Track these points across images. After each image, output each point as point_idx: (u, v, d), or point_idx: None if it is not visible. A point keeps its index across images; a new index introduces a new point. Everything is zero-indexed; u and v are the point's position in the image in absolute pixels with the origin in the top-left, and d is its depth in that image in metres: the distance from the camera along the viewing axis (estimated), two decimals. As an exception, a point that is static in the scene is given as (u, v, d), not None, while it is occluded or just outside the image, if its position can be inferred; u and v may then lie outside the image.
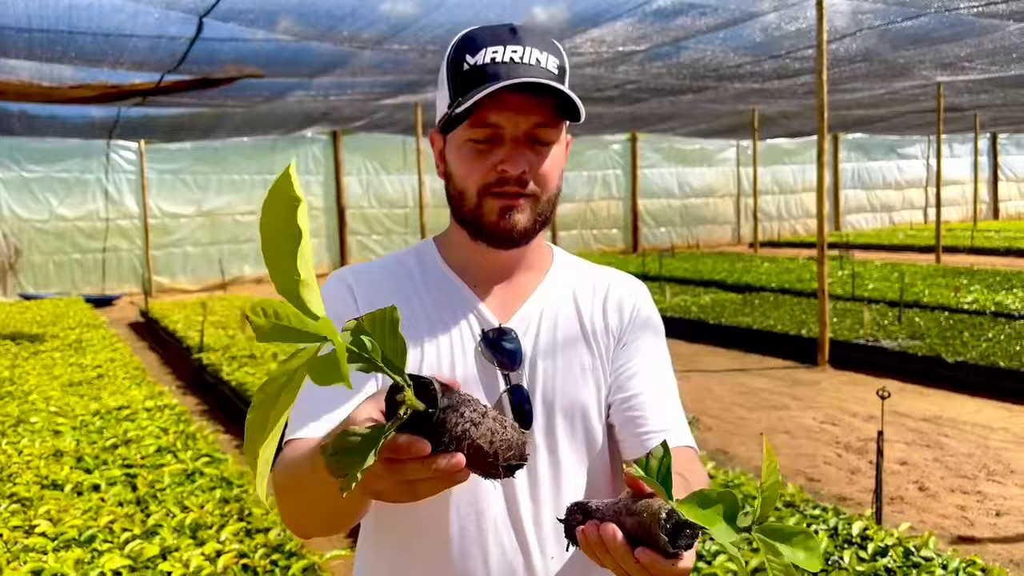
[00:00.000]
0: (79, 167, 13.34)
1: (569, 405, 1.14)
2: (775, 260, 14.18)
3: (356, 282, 1.16)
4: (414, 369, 1.11)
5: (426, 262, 1.20)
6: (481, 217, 1.11)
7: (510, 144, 1.08)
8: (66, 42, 6.65)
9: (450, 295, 1.17)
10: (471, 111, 1.06)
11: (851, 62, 9.96)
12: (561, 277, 1.22)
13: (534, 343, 1.15)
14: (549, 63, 1.09)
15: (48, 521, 3.24)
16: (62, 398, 5.42)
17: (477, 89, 1.05)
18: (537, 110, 1.08)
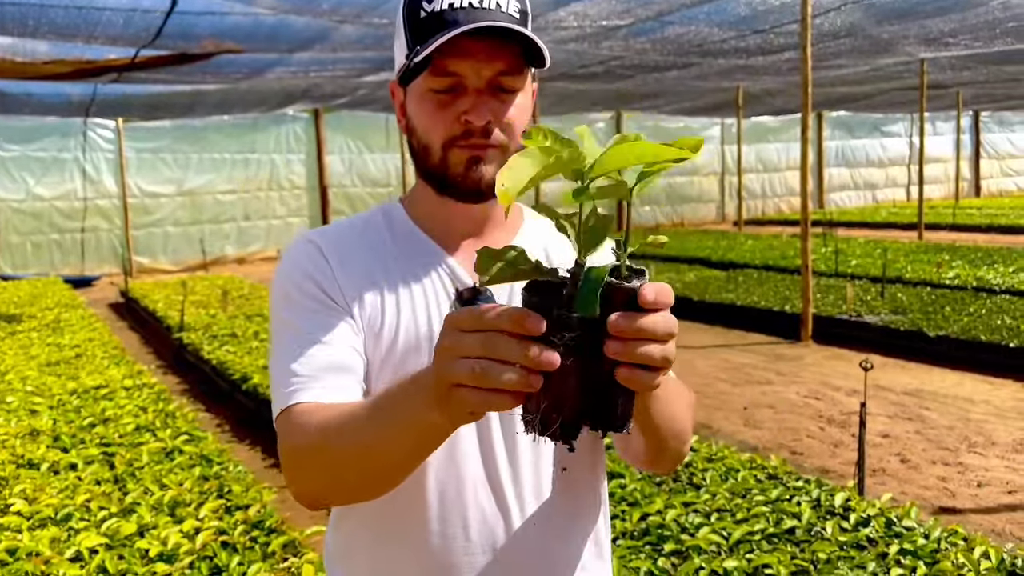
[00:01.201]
0: (56, 146, 13.13)
1: None
2: (759, 238, 14.20)
3: (325, 243, 1.12)
4: (389, 334, 1.07)
5: (395, 222, 1.16)
6: (447, 170, 1.06)
7: (473, 93, 1.03)
8: (38, 15, 6.49)
9: (422, 254, 1.13)
10: (430, 60, 1.02)
11: (835, 37, 9.92)
12: (533, 234, 1.19)
13: (508, 300, 1.11)
14: (510, 7, 1.04)
15: (23, 500, 3.19)
16: (39, 378, 5.34)
17: (435, 36, 1.00)
18: (500, 57, 1.03)
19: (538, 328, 0.68)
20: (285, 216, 15.35)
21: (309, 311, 1.06)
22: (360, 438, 0.88)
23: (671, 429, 1.02)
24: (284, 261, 1.12)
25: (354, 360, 1.04)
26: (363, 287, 1.08)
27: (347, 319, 1.06)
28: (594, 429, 0.73)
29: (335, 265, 1.09)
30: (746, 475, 3.42)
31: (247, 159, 14.85)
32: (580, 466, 1.14)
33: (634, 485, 3.28)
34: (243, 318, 7.65)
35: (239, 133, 14.65)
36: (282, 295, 1.09)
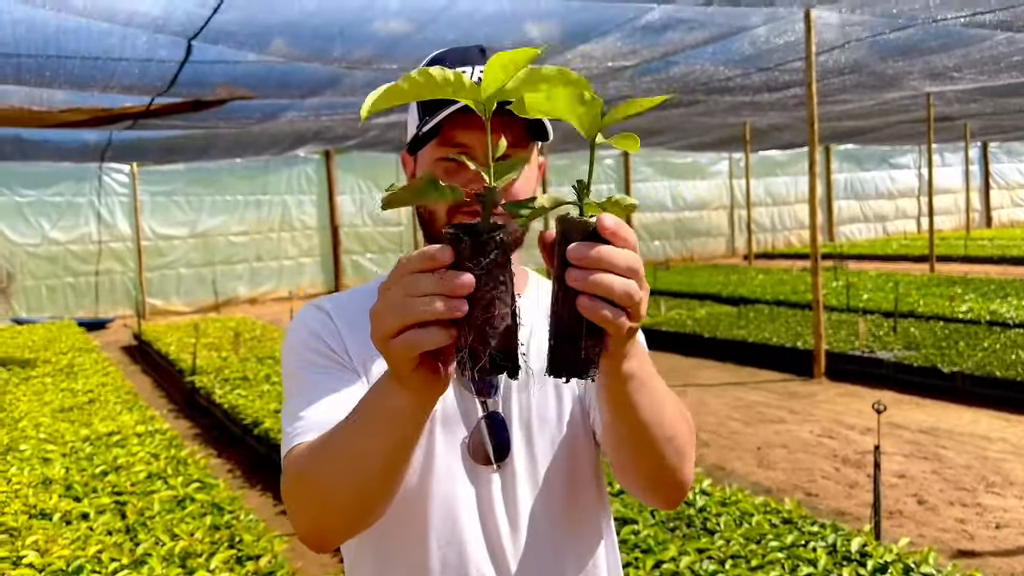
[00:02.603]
0: (72, 190, 13.31)
1: (547, 427, 1.12)
2: (769, 272, 14.18)
3: (334, 308, 1.15)
4: None
5: None
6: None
7: (478, 164, 1.07)
8: (56, 66, 6.64)
9: None
10: (439, 130, 1.06)
11: (840, 74, 9.99)
12: (536, 300, 1.21)
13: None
14: None
15: (35, 552, 3.19)
16: (52, 424, 5.37)
17: (443, 108, 1.04)
18: (506, 129, 1.06)
19: (445, 257, 0.70)
20: (297, 256, 15.45)
21: (318, 367, 1.09)
22: (339, 449, 0.90)
23: (663, 434, 0.96)
24: (294, 323, 1.15)
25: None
26: (370, 354, 1.10)
27: (354, 375, 1.08)
28: (555, 374, 0.72)
29: (343, 329, 1.12)
30: (760, 519, 3.39)
31: (259, 200, 15.01)
32: (587, 515, 1.14)
33: (647, 531, 3.25)
34: (255, 360, 7.68)
35: (251, 175, 14.83)
36: (292, 353, 1.13)
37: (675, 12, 6.79)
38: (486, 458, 1.09)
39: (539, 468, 1.11)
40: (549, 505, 1.11)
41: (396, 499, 1.07)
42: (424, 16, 6.31)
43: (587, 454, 1.15)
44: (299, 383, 1.08)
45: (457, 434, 1.09)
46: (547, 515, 1.11)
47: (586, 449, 1.15)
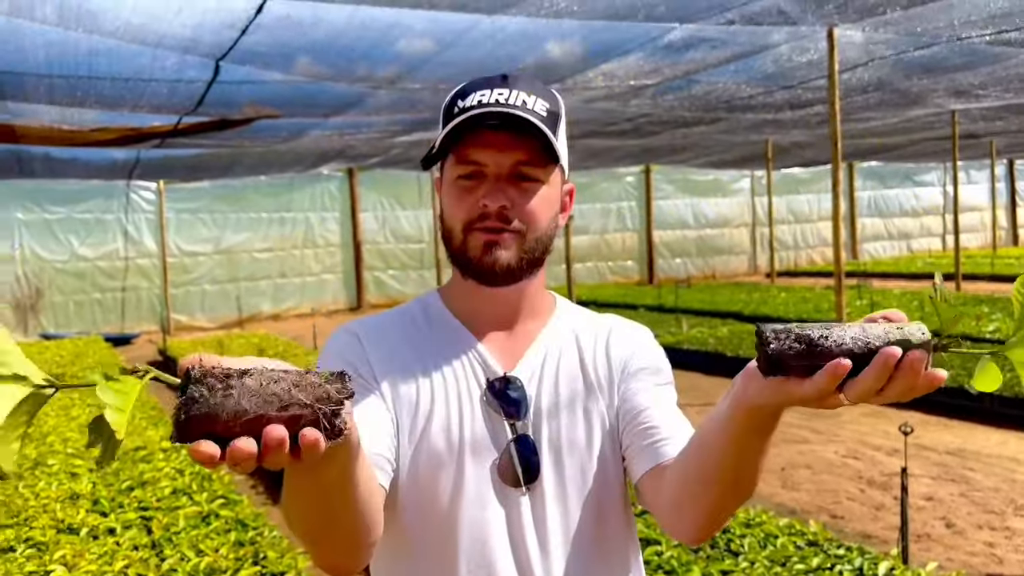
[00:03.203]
0: (100, 207, 13.53)
1: (577, 452, 1.13)
2: (792, 290, 14.09)
3: (363, 332, 1.17)
4: (423, 420, 1.11)
5: (431, 311, 1.20)
6: (466, 252, 1.12)
7: (492, 180, 1.10)
8: (87, 87, 6.78)
9: (455, 343, 1.17)
10: (454, 149, 1.11)
11: (864, 91, 9.96)
12: (563, 323, 1.22)
13: (538, 391, 1.14)
14: (537, 106, 1.11)
15: (63, 566, 3.23)
16: (79, 440, 5.43)
17: (460, 127, 1.08)
18: (519, 148, 1.09)
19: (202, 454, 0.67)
20: (320, 273, 15.57)
21: (357, 396, 1.10)
22: (286, 493, 0.91)
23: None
24: (325, 350, 1.18)
25: (389, 449, 1.07)
26: (397, 374, 1.13)
27: (380, 398, 1.10)
28: (764, 344, 0.80)
29: (371, 352, 1.14)
30: (785, 541, 3.35)
31: (283, 218, 15.16)
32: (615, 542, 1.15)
33: (671, 552, 3.23)
34: (278, 377, 7.73)
35: (275, 192, 14.99)
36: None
37: (697, 31, 6.82)
38: (515, 480, 1.10)
39: (568, 492, 1.12)
40: (578, 529, 1.11)
41: (426, 522, 1.08)
42: (449, 36, 6.39)
43: (616, 482, 1.15)
44: None
45: (486, 457, 1.11)
46: (576, 538, 1.11)
47: (615, 477, 1.15)
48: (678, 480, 1.03)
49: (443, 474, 1.09)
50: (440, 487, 1.09)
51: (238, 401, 0.67)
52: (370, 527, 0.96)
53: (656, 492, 1.08)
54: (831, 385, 0.76)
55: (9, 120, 8.03)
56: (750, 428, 0.89)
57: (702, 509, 1.01)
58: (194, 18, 5.56)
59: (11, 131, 8.39)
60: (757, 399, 0.85)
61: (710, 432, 0.95)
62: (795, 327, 0.79)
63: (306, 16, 5.69)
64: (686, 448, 1.03)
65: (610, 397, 1.17)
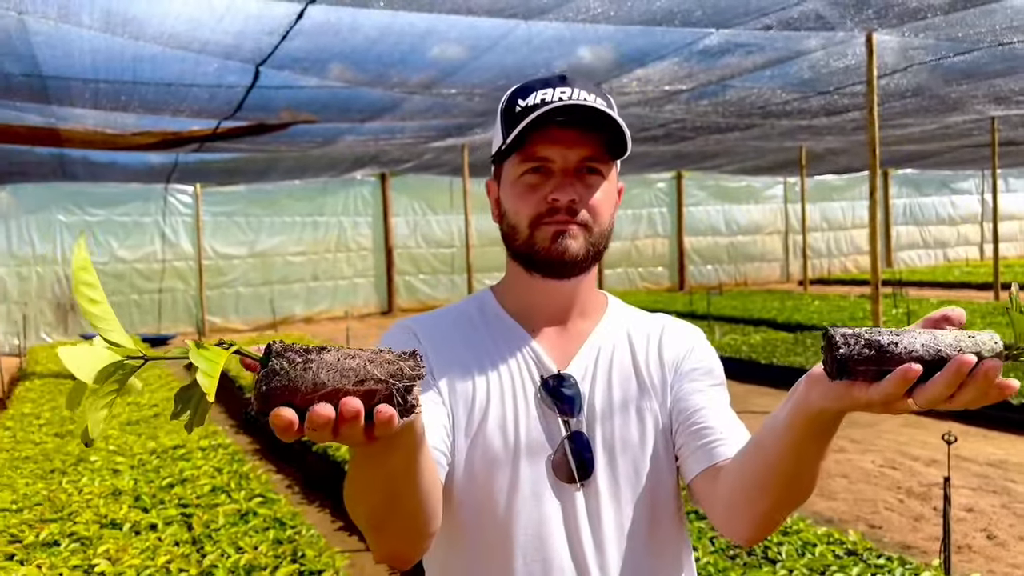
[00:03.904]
0: (138, 211, 13.77)
1: (630, 449, 1.14)
2: (826, 298, 13.94)
3: (420, 328, 1.19)
4: (479, 416, 1.12)
5: (486, 309, 1.22)
6: (534, 245, 1.13)
7: (560, 175, 1.11)
8: (130, 92, 6.92)
9: (510, 341, 1.18)
10: (522, 146, 1.11)
11: (901, 97, 9.84)
12: (616, 322, 1.23)
13: (591, 389, 1.15)
14: (597, 103, 1.12)
15: (107, 561, 3.29)
16: (120, 437, 5.53)
17: (525, 122, 1.09)
18: (585, 143, 1.10)
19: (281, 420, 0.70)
20: (352, 277, 15.70)
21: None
22: (350, 480, 0.93)
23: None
24: (380, 343, 1.19)
25: (443, 442, 1.09)
26: (454, 372, 1.14)
27: (436, 393, 1.12)
28: (831, 347, 0.80)
29: (428, 348, 1.16)
30: (824, 550, 3.32)
31: (316, 222, 15.31)
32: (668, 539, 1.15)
33: (707, 559, 3.22)
34: (312, 379, 7.80)
35: (309, 196, 15.15)
36: None
37: (733, 36, 6.79)
38: (570, 476, 1.11)
39: (621, 489, 1.13)
40: (632, 526, 1.12)
41: (482, 517, 1.10)
42: (485, 42, 6.42)
43: (669, 481, 1.16)
44: None
45: (541, 454, 1.12)
46: (630, 535, 1.12)
47: (668, 476, 1.16)
48: (734, 482, 1.03)
49: (499, 470, 1.11)
50: (496, 483, 1.11)
51: (316, 374, 0.70)
52: (431, 517, 0.98)
53: (710, 493, 1.08)
54: (900, 390, 0.76)
55: (54, 124, 8.21)
56: (811, 432, 0.90)
57: (758, 511, 1.01)
58: (235, 24, 5.65)
59: (56, 135, 8.58)
60: (821, 403, 0.85)
61: (769, 435, 0.96)
62: (865, 332, 0.79)
63: (345, 22, 5.76)
64: (743, 450, 1.04)
65: (663, 396, 1.18)
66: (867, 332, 0.79)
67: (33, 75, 6.28)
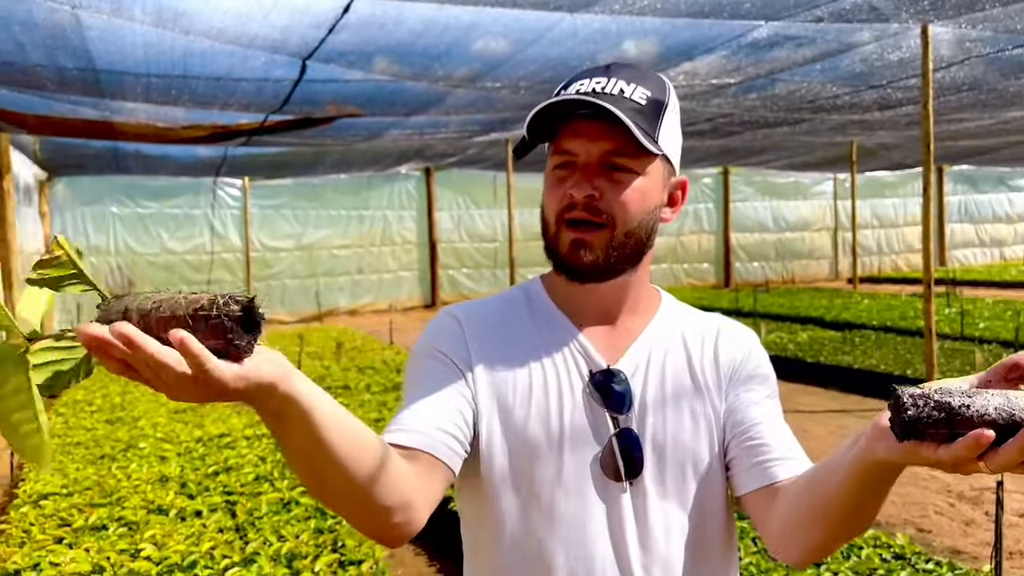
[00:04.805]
0: (188, 203, 14.04)
1: (680, 451, 1.11)
2: (876, 296, 13.64)
3: (465, 317, 1.18)
4: (520, 406, 1.11)
5: (534, 300, 1.20)
6: (556, 249, 1.13)
7: (581, 170, 1.09)
8: (180, 86, 7.04)
9: (558, 334, 1.16)
10: (553, 141, 1.12)
11: (957, 91, 9.56)
12: (669, 321, 1.20)
13: (643, 387, 1.13)
14: (636, 94, 1.09)
15: (153, 545, 3.36)
16: (168, 425, 5.65)
17: (552, 120, 1.10)
18: (608, 137, 1.07)
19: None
20: (396, 270, 15.82)
21: (434, 374, 1.12)
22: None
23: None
24: (427, 329, 1.19)
25: (453, 424, 1.07)
26: (497, 361, 1.13)
27: (463, 382, 1.11)
28: (898, 408, 0.78)
29: (470, 338, 1.14)
30: (871, 553, 3.25)
31: (361, 215, 15.45)
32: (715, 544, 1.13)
33: (750, 559, 3.17)
34: (355, 370, 7.88)
35: (354, 191, 15.29)
36: (413, 358, 1.17)
37: (783, 29, 6.66)
38: (616, 474, 1.09)
39: (669, 489, 1.10)
40: (679, 527, 1.10)
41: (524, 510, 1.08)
42: (530, 35, 6.40)
43: (719, 485, 1.14)
44: (413, 388, 1.13)
45: (586, 450, 1.10)
46: (676, 537, 1.10)
47: (718, 480, 1.14)
48: (790, 511, 1.03)
49: (541, 464, 1.09)
50: (538, 476, 1.09)
51: (129, 304, 0.77)
52: (377, 494, 0.94)
53: (765, 513, 1.07)
54: (972, 455, 0.75)
55: (108, 117, 8.40)
56: (873, 479, 0.90)
57: (812, 542, 1.01)
58: (283, 19, 5.70)
59: (110, 128, 8.78)
60: (886, 455, 0.84)
61: (831, 474, 0.95)
62: (934, 393, 0.77)
63: (390, 15, 5.78)
64: (803, 479, 1.03)
65: (718, 400, 1.15)
66: (937, 393, 0.77)
67: (87, 69, 6.43)
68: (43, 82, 6.82)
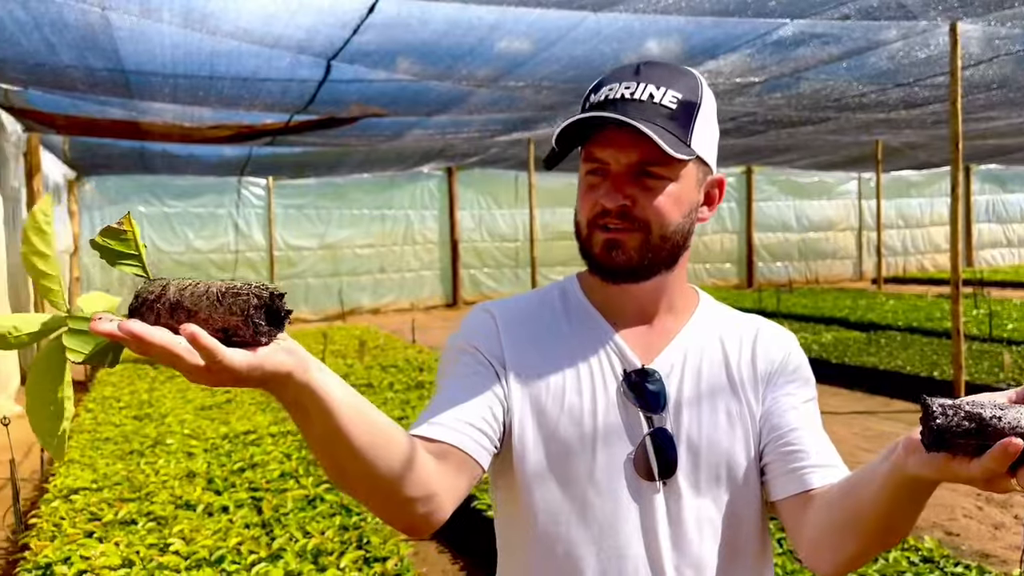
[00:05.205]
0: (213, 203, 14.17)
1: (715, 452, 1.11)
2: (901, 297, 13.50)
3: (499, 312, 1.18)
4: (554, 404, 1.11)
5: (569, 298, 1.21)
6: (590, 249, 1.13)
7: (612, 179, 1.10)
8: (207, 86, 7.11)
9: (592, 333, 1.16)
10: (584, 145, 1.13)
11: (986, 89, 9.44)
12: (706, 322, 1.20)
13: (678, 387, 1.13)
14: (666, 98, 1.08)
15: (181, 540, 3.40)
16: (194, 421, 5.71)
17: (581, 128, 1.10)
18: (638, 146, 1.07)
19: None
20: (418, 269, 15.88)
21: (467, 370, 1.13)
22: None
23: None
24: (461, 325, 1.20)
25: (483, 419, 1.08)
26: (530, 359, 1.13)
27: (495, 378, 1.11)
28: (928, 418, 0.78)
29: (504, 334, 1.15)
30: (898, 556, 3.22)
31: (383, 215, 15.53)
32: (749, 547, 1.12)
33: (776, 560, 3.15)
34: (379, 368, 7.92)
35: (377, 190, 15.37)
36: (445, 353, 1.19)
37: (809, 27, 6.61)
38: (650, 474, 1.09)
39: (703, 490, 1.10)
40: (712, 528, 1.10)
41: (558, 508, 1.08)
42: (553, 34, 6.39)
43: (754, 488, 1.13)
44: (445, 382, 1.14)
45: (620, 449, 1.10)
46: (710, 538, 1.09)
47: (753, 483, 1.13)
48: (824, 520, 1.03)
49: (575, 462, 1.09)
50: (572, 475, 1.09)
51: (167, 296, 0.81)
52: (394, 483, 0.95)
53: (797, 519, 1.07)
54: (1000, 467, 0.73)
55: (135, 117, 8.50)
56: (906, 493, 0.89)
57: (844, 553, 1.01)
58: (308, 19, 5.74)
59: (137, 128, 8.89)
60: (918, 470, 0.83)
61: (864, 487, 0.95)
62: (965, 404, 0.76)
63: (415, 15, 5.80)
64: (836, 490, 1.03)
65: (754, 402, 1.15)
66: (968, 404, 0.76)
67: (116, 70, 6.51)
68: (73, 82, 6.91)
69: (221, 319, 0.77)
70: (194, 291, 0.78)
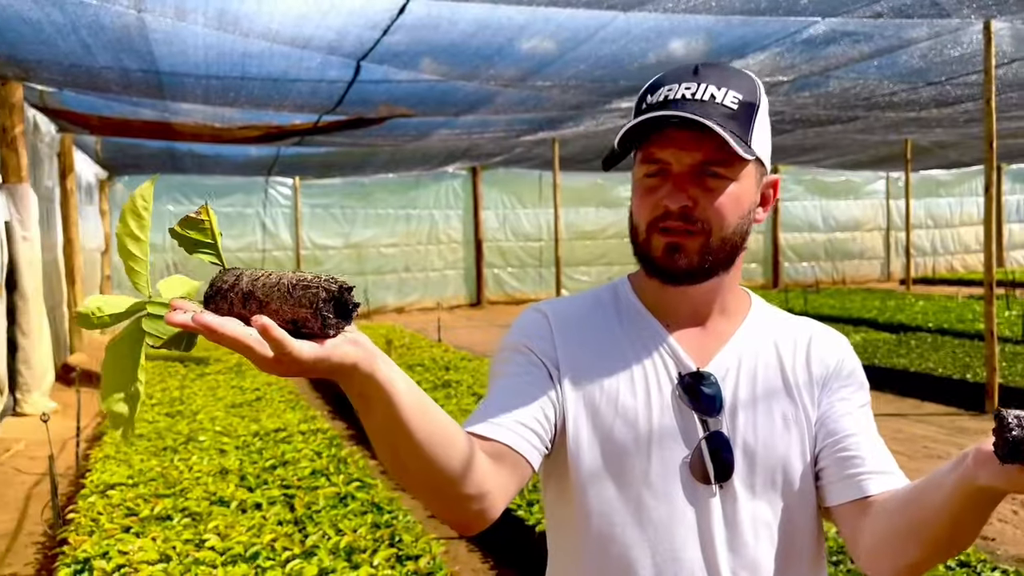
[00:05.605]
0: (241, 202, 14.33)
1: (771, 456, 1.10)
2: (931, 298, 13.34)
3: (553, 313, 1.18)
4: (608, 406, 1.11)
5: (621, 299, 1.20)
6: (649, 252, 1.12)
7: (674, 179, 1.09)
8: (238, 87, 7.19)
9: (646, 335, 1.16)
10: (641, 147, 1.11)
11: (1020, 88, 9.31)
12: (760, 325, 1.19)
13: (734, 390, 1.12)
14: (727, 99, 1.08)
15: (217, 536, 3.44)
16: (225, 419, 5.77)
17: (641, 126, 1.08)
18: (701, 146, 1.07)
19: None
20: (442, 269, 15.94)
21: (520, 369, 1.13)
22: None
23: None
24: (513, 325, 1.20)
25: (535, 420, 1.09)
26: (584, 361, 1.13)
27: (546, 377, 1.12)
28: (1003, 427, 0.80)
29: (558, 335, 1.15)
30: (934, 560, 3.19)
31: (408, 214, 15.61)
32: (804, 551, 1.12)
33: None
34: (405, 367, 7.94)
35: (402, 190, 15.45)
36: (498, 353, 1.19)
37: (840, 25, 6.55)
38: (706, 477, 1.09)
39: (759, 495, 1.10)
40: (768, 532, 1.09)
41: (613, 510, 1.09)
42: (582, 34, 6.39)
43: (809, 493, 1.13)
44: (498, 381, 1.15)
45: (674, 451, 1.10)
46: (766, 542, 1.09)
47: (808, 488, 1.13)
48: (885, 527, 1.02)
49: (629, 464, 1.09)
50: (626, 477, 1.09)
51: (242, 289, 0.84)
52: (452, 479, 0.97)
53: (855, 528, 1.07)
54: None
55: (167, 118, 8.61)
56: (974, 504, 0.89)
57: (905, 561, 1.01)
58: (339, 20, 5.78)
59: (168, 128, 9.00)
60: (990, 482, 0.83)
61: (931, 493, 0.95)
62: None
63: (444, 16, 5.82)
64: (899, 498, 1.03)
65: (810, 406, 1.14)
66: None
67: (150, 71, 6.60)
68: (107, 84, 7.01)
69: (291, 310, 0.79)
70: (266, 282, 0.81)
